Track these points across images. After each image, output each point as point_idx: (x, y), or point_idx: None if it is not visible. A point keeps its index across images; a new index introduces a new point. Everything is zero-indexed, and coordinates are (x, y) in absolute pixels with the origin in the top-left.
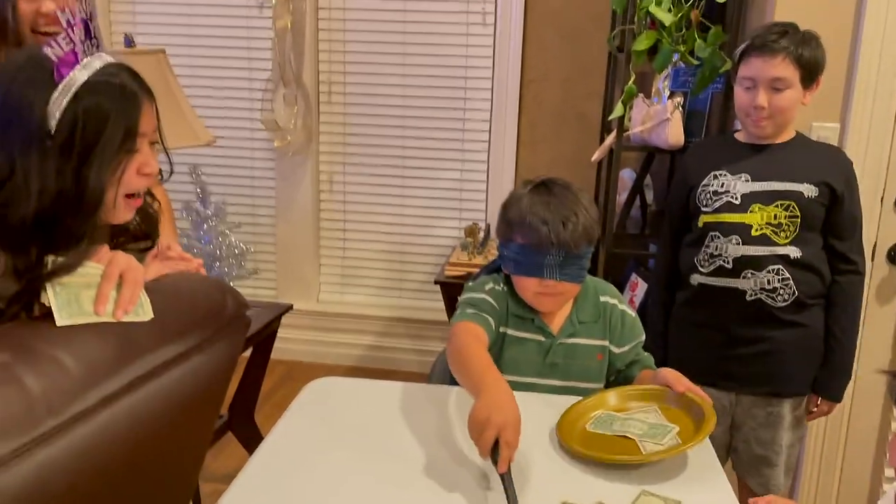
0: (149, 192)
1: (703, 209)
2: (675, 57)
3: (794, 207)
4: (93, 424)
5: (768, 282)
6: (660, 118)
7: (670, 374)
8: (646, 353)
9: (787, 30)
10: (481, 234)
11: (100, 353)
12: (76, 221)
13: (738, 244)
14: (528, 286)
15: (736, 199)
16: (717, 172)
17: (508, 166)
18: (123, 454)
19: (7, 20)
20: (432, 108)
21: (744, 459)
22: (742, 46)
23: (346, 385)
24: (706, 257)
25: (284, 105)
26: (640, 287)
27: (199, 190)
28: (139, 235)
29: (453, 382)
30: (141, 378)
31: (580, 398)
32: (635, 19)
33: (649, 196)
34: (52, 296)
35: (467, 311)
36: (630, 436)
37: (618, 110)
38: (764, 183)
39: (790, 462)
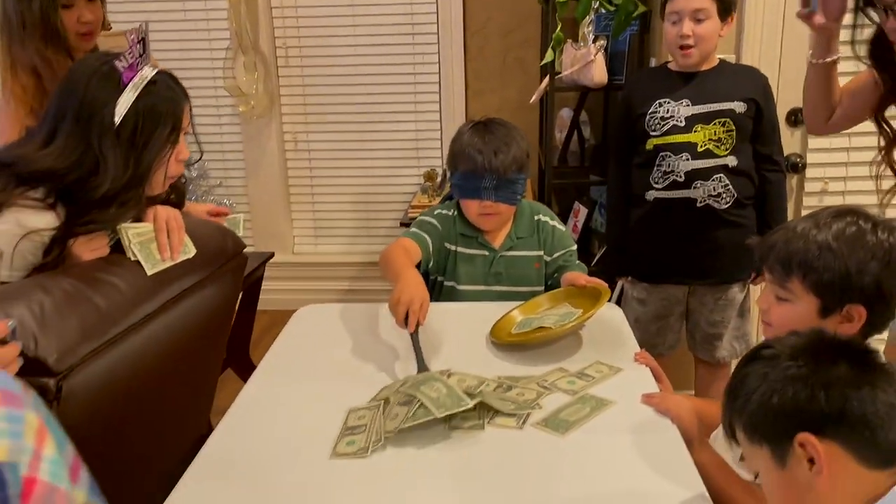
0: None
1: (653, 133)
2: (596, 4)
3: (729, 123)
4: (141, 335)
5: (714, 189)
6: (585, 60)
7: (571, 274)
8: (578, 262)
9: None
10: (439, 178)
11: (143, 281)
12: (128, 195)
13: (688, 160)
14: (471, 207)
15: (681, 121)
16: (661, 100)
17: (459, 115)
18: (163, 361)
19: (58, 31)
20: (384, 64)
21: (696, 338)
22: None
23: (331, 309)
24: (660, 175)
25: (245, 72)
26: (581, 213)
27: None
28: (170, 202)
29: None
30: (171, 301)
31: (509, 310)
32: None
33: (587, 131)
34: (137, 254)
35: (411, 229)
36: (546, 325)
37: (548, 56)
38: (703, 105)
39: (739, 337)
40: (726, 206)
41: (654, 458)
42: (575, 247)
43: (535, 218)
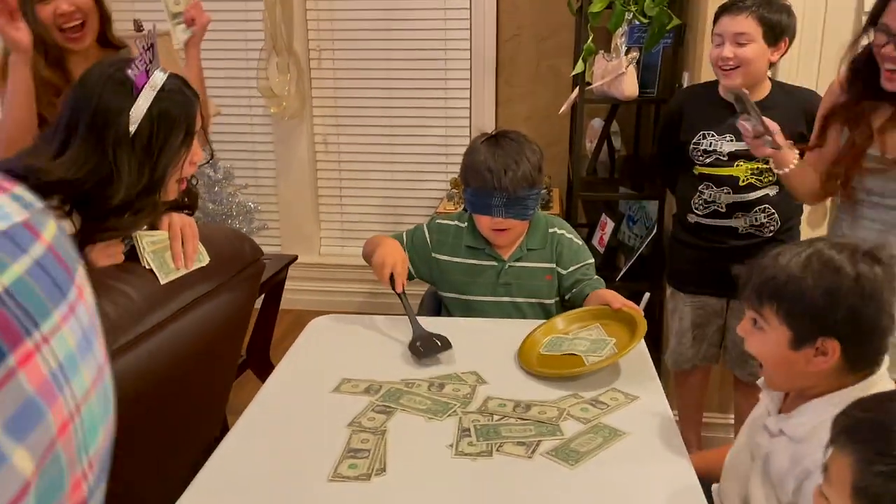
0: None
1: (697, 162)
2: (629, 16)
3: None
4: (151, 343)
5: (756, 219)
6: (616, 72)
7: (608, 294)
8: (597, 277)
9: None
10: None
11: (155, 289)
12: (144, 201)
13: (730, 193)
14: (483, 223)
15: (724, 156)
16: (706, 132)
17: (489, 122)
18: (173, 369)
19: (38, 34)
20: (416, 69)
21: (733, 355)
22: (717, 10)
23: (344, 321)
24: (701, 203)
25: (278, 73)
26: (608, 226)
27: (208, 156)
28: (183, 206)
29: (436, 314)
30: (183, 309)
31: (536, 326)
32: None
33: (617, 142)
34: (150, 262)
35: (399, 233)
36: (576, 353)
37: (578, 67)
38: (744, 142)
39: None
40: (770, 234)
41: (665, 493)
42: (592, 260)
43: (550, 230)
